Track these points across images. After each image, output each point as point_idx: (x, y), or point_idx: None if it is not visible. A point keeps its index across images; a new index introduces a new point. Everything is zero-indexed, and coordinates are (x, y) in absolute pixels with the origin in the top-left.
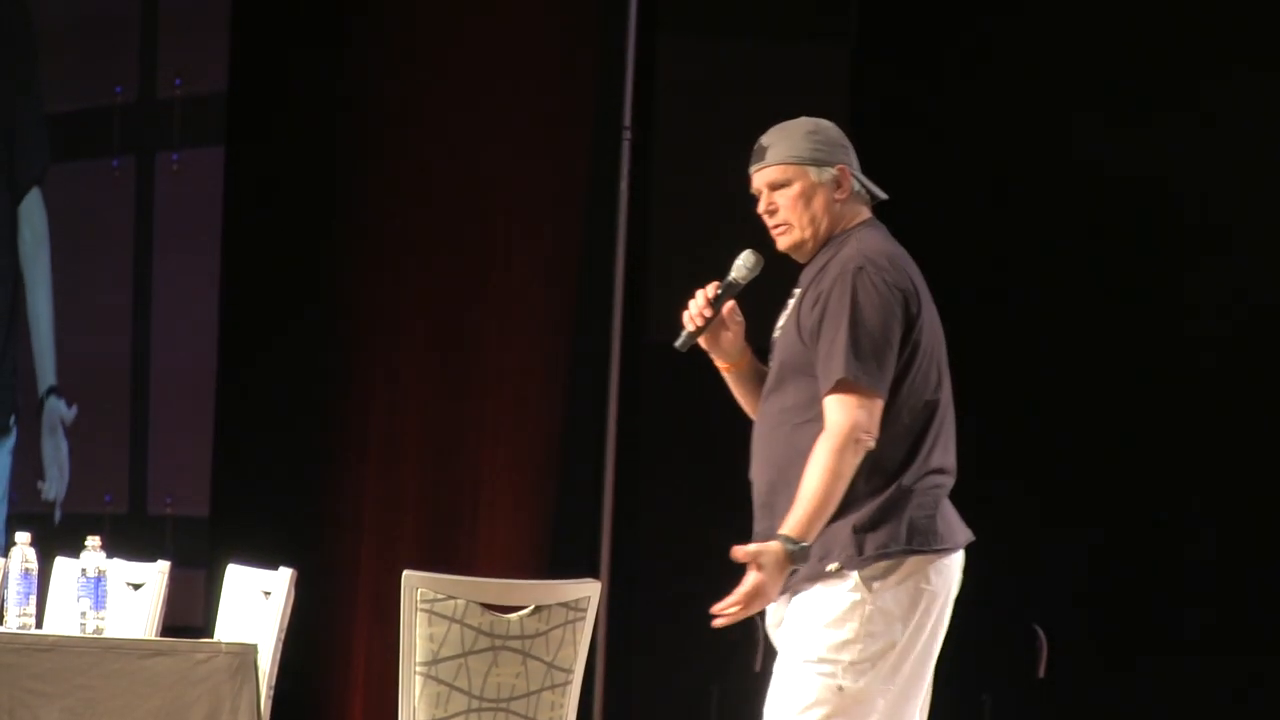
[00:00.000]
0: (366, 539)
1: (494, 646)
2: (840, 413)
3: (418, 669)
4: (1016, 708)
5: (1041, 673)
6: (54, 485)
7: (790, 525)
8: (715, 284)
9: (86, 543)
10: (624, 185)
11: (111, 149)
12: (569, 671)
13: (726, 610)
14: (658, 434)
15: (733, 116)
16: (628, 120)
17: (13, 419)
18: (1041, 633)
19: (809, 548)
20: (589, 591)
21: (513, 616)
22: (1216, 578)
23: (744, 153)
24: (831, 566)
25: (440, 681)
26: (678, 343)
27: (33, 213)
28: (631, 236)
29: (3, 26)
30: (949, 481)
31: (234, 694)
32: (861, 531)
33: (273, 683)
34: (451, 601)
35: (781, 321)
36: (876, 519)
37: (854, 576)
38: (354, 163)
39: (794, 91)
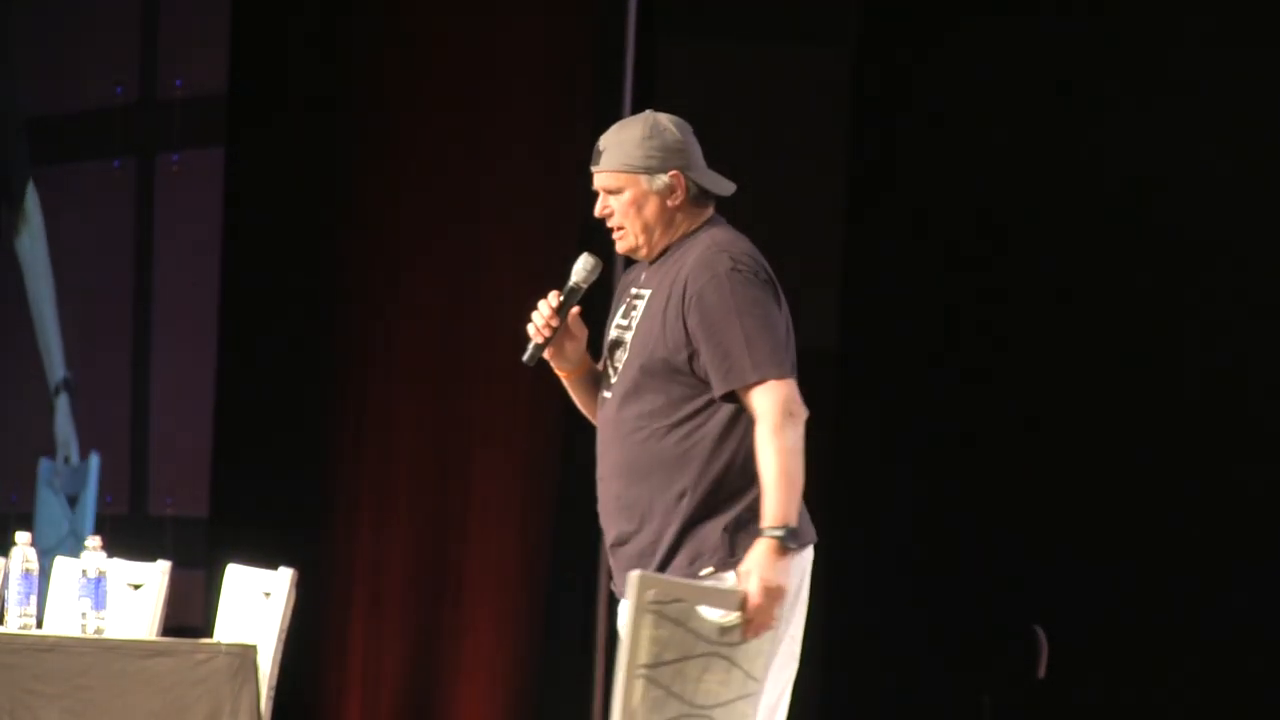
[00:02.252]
0: (362, 539)
1: (708, 653)
2: (766, 398)
3: (640, 671)
4: (1016, 708)
5: (1041, 673)
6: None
7: (770, 516)
8: (556, 293)
9: (87, 543)
10: None
11: (112, 150)
12: (760, 681)
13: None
14: None
15: (733, 118)
16: None
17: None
18: (1041, 633)
19: (796, 529)
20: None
21: (722, 622)
22: (1216, 578)
23: (745, 154)
24: (705, 571)
25: (659, 685)
26: (525, 357)
27: (31, 212)
28: None
29: None
30: None
31: (234, 694)
32: (732, 533)
33: (273, 683)
34: (678, 605)
35: (622, 320)
36: (746, 519)
37: (730, 578)
38: (353, 164)
39: (794, 93)
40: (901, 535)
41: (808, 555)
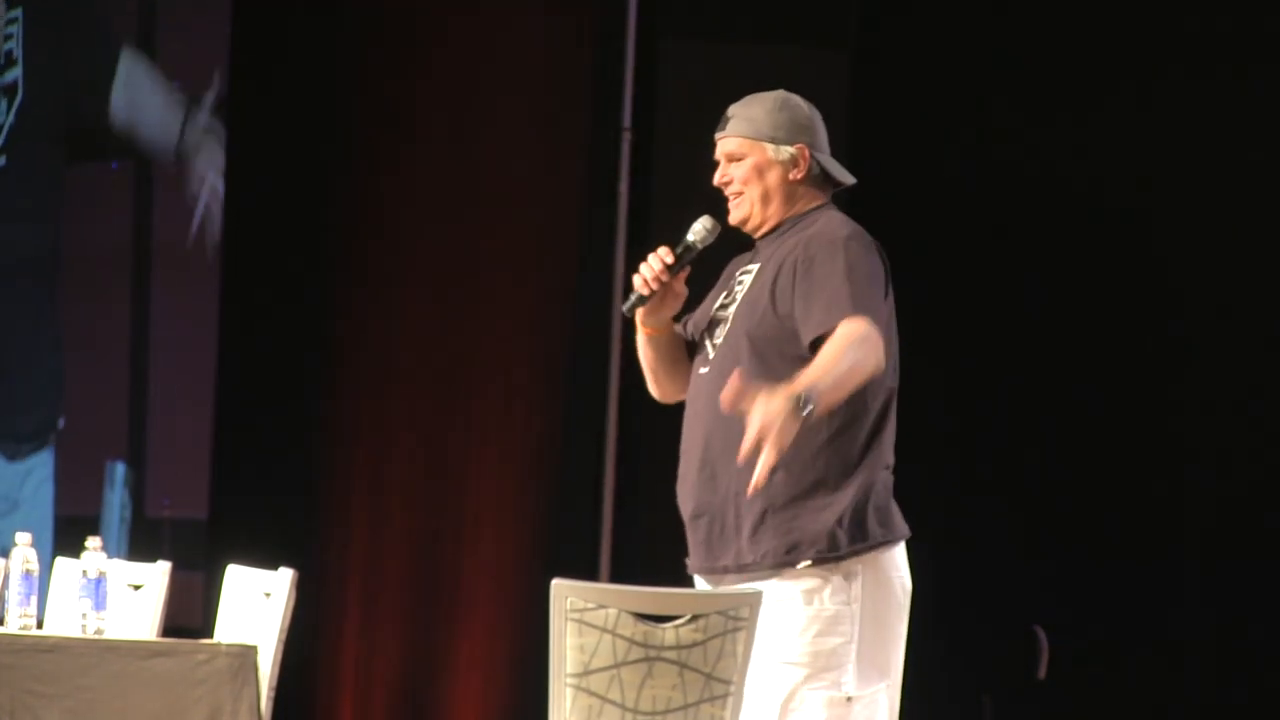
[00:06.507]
0: (360, 539)
1: (648, 658)
2: (854, 321)
3: (568, 681)
4: (1016, 708)
5: (1041, 673)
6: None
7: (804, 383)
8: (668, 248)
9: (87, 544)
10: (624, 185)
11: (111, 151)
12: (729, 683)
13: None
14: (658, 435)
15: None
16: (628, 120)
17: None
18: (1041, 633)
19: (813, 410)
20: (750, 601)
21: (667, 627)
22: (1217, 579)
23: None
24: (803, 564)
25: (592, 694)
26: (625, 306)
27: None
28: (631, 237)
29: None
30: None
31: (234, 695)
32: (837, 525)
33: (273, 684)
34: (603, 611)
35: (724, 300)
36: (848, 512)
37: (837, 576)
38: (352, 164)
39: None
40: None
41: (899, 553)
